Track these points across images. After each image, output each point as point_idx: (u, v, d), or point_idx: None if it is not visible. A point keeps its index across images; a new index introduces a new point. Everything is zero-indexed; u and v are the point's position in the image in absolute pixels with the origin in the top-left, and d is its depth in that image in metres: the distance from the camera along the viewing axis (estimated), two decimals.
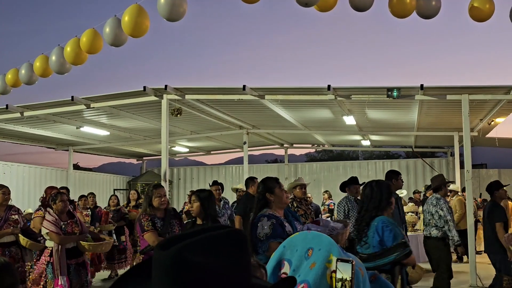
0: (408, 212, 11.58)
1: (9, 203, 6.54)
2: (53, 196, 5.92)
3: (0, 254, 6.08)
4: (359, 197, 7.53)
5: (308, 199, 13.00)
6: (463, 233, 11.40)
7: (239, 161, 17.77)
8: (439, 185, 7.18)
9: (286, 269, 2.21)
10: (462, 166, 11.90)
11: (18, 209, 6.74)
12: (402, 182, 6.80)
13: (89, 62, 6.27)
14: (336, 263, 1.91)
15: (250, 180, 8.55)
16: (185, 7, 4.82)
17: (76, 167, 24.26)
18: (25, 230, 6.47)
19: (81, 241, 5.90)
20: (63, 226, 5.79)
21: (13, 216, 6.37)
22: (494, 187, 7.21)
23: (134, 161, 21.89)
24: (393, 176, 6.62)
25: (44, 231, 5.77)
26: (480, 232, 13.67)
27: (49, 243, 5.86)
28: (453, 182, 6.86)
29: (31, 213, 12.87)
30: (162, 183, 10.18)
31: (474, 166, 16.65)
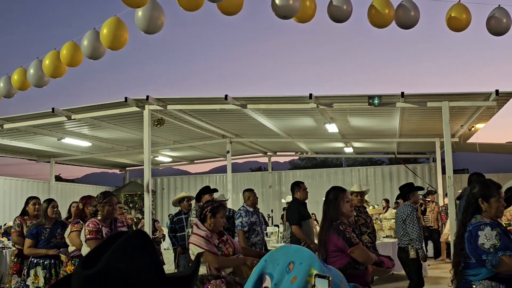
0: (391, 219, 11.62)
1: None
2: (214, 209, 4.69)
3: None
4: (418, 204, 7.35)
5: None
6: None
7: (223, 169, 17.76)
8: None
9: (267, 283, 2.19)
10: (444, 171, 12.00)
11: (123, 220, 6.21)
12: None
13: (69, 74, 6.23)
14: (314, 279, 1.90)
15: (296, 185, 7.80)
16: (163, 20, 4.80)
17: (58, 178, 24.01)
18: None
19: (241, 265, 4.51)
20: (220, 245, 4.54)
21: (122, 229, 5.22)
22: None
23: (117, 171, 21.75)
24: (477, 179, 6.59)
25: (192, 250, 4.48)
26: None
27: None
28: None
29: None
30: (145, 194, 10.14)
31: (456, 171, 16.78)
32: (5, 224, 13.57)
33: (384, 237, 10.94)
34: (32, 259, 6.29)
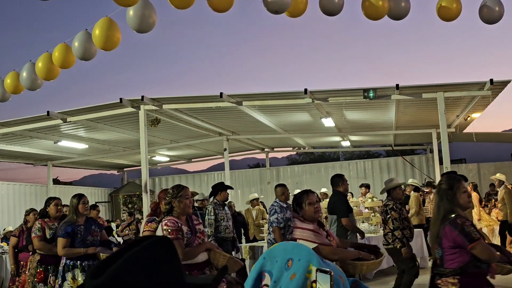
0: None
1: None
2: (302, 197, 4.32)
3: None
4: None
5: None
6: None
7: (221, 167, 17.74)
8: None
9: (267, 280, 2.20)
10: (441, 162, 12.01)
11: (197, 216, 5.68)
12: None
13: (63, 76, 6.19)
14: (316, 273, 1.91)
15: (339, 178, 7.34)
16: (155, 18, 4.78)
17: (56, 181, 23.99)
18: None
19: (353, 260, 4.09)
20: (328, 238, 4.20)
21: (199, 227, 4.79)
22: None
23: (115, 172, 21.73)
24: None
25: (311, 245, 3.95)
26: None
27: None
28: None
29: (11, 231, 12.73)
30: (143, 194, 10.13)
31: (453, 161, 16.82)
32: (4, 229, 13.56)
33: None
34: (68, 261, 5.76)
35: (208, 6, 4.65)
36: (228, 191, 8.42)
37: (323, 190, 12.65)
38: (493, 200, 13.85)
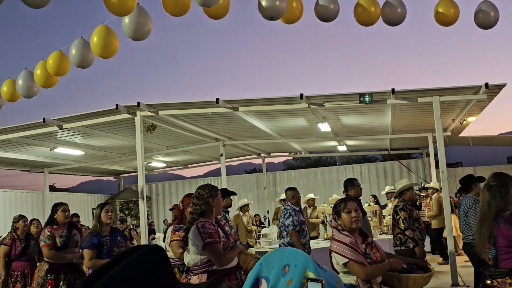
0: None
1: None
2: (340, 205, 4.05)
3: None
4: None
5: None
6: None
7: (217, 172, 17.72)
8: None
9: (263, 286, 2.20)
10: (438, 166, 12.06)
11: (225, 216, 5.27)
12: None
13: (59, 83, 6.19)
14: (307, 283, 1.90)
15: (349, 183, 7.31)
16: (150, 26, 4.79)
17: (52, 188, 23.91)
18: None
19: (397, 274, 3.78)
20: (367, 251, 3.90)
21: (227, 228, 4.57)
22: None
23: (111, 178, 21.69)
24: None
25: (336, 260, 3.80)
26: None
27: None
28: None
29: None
30: (140, 200, 10.10)
31: (449, 165, 16.88)
32: (0, 236, 13.50)
33: (380, 233, 10.95)
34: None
35: (204, 13, 4.67)
36: None
37: (310, 196, 12.65)
38: None
